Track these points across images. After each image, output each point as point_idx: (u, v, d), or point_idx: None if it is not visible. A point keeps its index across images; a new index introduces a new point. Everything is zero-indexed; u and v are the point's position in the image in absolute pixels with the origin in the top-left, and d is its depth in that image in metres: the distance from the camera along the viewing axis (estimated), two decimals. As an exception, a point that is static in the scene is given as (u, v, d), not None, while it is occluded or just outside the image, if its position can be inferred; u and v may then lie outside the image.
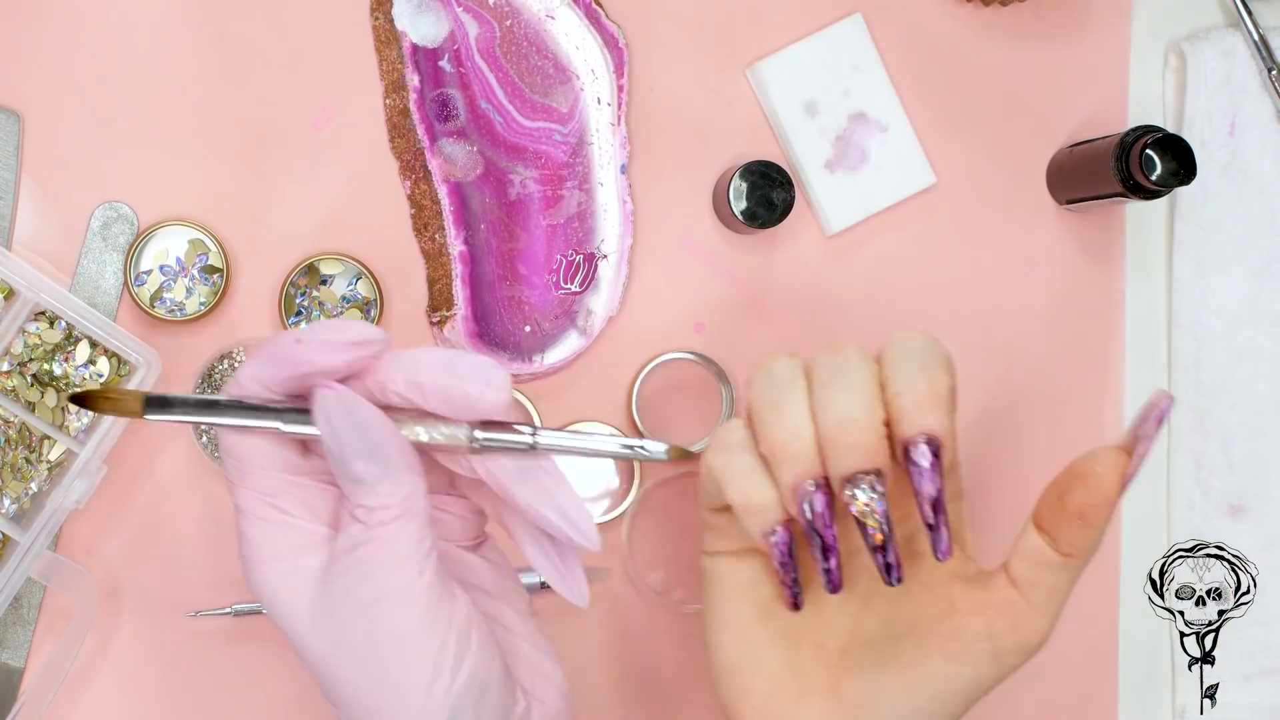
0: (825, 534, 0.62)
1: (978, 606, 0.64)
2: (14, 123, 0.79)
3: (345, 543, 0.58)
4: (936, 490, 0.61)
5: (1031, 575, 0.63)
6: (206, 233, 0.79)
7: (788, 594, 0.64)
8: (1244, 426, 0.84)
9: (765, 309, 0.83)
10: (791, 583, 0.64)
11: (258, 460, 0.59)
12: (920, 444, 0.61)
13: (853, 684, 0.64)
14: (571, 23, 0.80)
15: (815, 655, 0.66)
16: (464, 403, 0.58)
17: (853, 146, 0.82)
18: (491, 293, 0.80)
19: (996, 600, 0.63)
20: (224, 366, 0.80)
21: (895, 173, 0.82)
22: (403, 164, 0.80)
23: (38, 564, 0.76)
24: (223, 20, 0.80)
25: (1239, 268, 0.84)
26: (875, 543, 0.61)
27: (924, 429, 0.61)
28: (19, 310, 0.76)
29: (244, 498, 0.59)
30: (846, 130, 0.82)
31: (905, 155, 0.82)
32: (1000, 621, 0.63)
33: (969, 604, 0.64)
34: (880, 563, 0.62)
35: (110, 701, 0.80)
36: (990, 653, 0.63)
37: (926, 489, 0.61)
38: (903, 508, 0.65)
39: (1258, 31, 0.83)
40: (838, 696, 0.64)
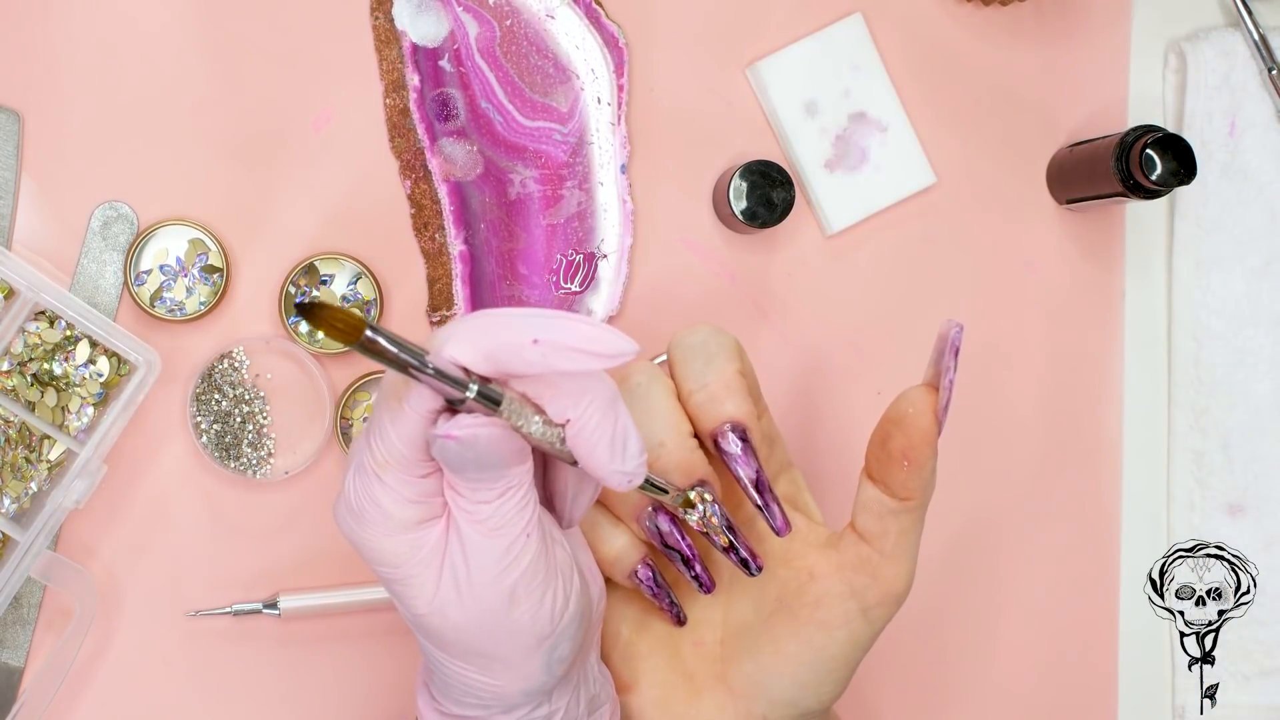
0: (681, 547, 0.64)
1: (834, 568, 0.65)
2: (14, 123, 0.79)
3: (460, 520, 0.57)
4: (755, 471, 0.63)
5: (877, 525, 0.64)
6: (206, 232, 0.79)
7: (669, 615, 0.66)
8: (1244, 426, 0.84)
9: (765, 309, 0.83)
10: (669, 605, 0.65)
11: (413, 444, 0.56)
12: (726, 433, 0.63)
13: (739, 671, 0.65)
14: (571, 22, 0.80)
15: (696, 653, 0.66)
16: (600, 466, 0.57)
17: (853, 146, 0.82)
18: (491, 292, 0.80)
19: (850, 558, 0.65)
20: (224, 366, 0.80)
21: (895, 172, 0.82)
22: (403, 164, 0.80)
23: (38, 564, 0.76)
24: (223, 20, 0.80)
25: (1239, 267, 0.84)
26: (723, 545, 0.63)
27: (725, 418, 0.63)
28: (19, 310, 0.76)
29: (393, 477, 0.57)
30: (846, 130, 0.82)
31: (905, 155, 0.82)
32: (859, 577, 0.64)
33: (826, 568, 0.65)
34: (735, 561, 0.63)
35: (110, 701, 0.80)
36: (858, 610, 0.64)
37: (744, 473, 0.63)
38: (737, 496, 0.66)
39: (1258, 31, 0.83)
40: (728, 686, 0.65)
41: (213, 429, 0.79)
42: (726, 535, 0.63)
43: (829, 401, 0.83)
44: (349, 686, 0.81)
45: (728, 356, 0.64)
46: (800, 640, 0.64)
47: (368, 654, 0.81)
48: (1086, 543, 0.84)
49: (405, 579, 0.57)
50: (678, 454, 0.62)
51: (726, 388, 0.63)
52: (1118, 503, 0.84)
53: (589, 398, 0.55)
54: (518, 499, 0.57)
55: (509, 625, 0.57)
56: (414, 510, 0.57)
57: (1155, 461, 0.85)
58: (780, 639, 0.65)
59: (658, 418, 0.63)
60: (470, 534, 0.56)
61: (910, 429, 0.63)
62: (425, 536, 0.57)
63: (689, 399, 0.63)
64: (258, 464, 0.80)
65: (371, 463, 0.57)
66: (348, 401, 0.80)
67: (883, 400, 0.83)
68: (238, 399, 0.80)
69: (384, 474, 0.56)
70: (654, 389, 0.63)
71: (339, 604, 0.80)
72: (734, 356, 0.64)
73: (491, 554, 0.56)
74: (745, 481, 0.63)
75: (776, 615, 0.65)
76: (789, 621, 0.65)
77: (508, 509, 0.56)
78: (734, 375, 0.64)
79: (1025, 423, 0.84)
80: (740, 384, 0.64)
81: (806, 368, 0.83)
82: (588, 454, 0.55)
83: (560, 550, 0.59)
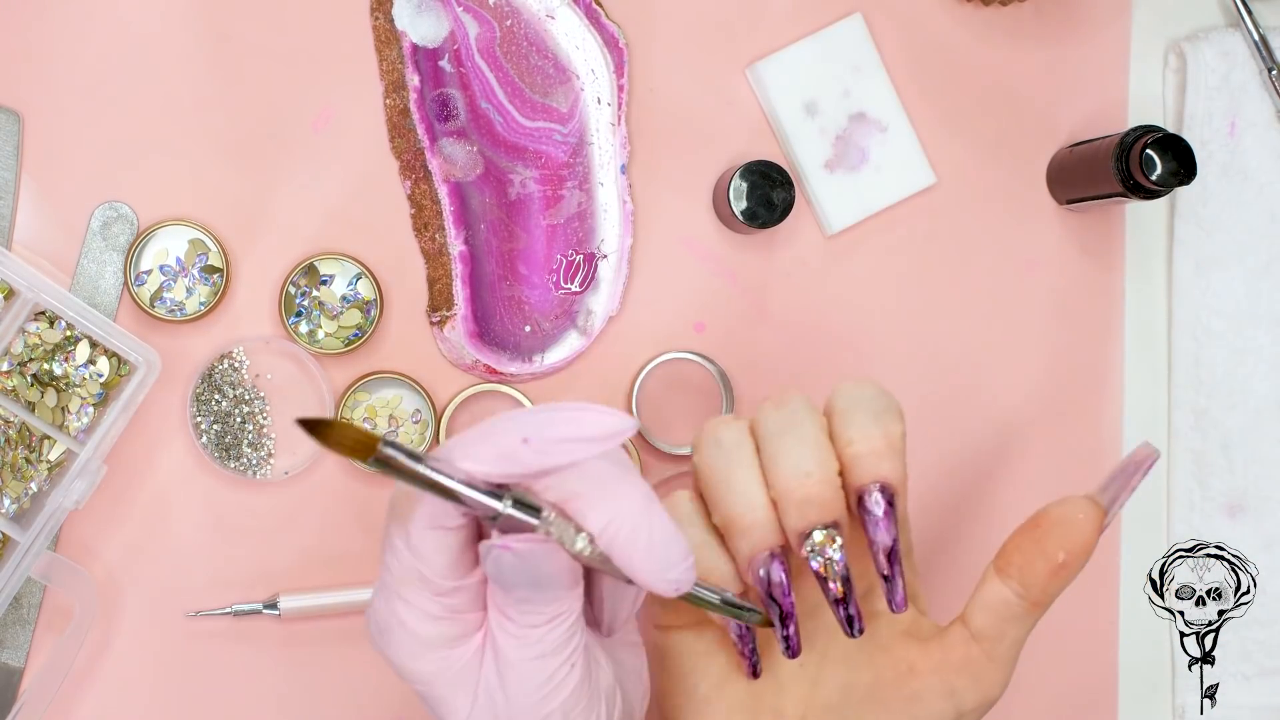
0: (784, 602, 0.61)
1: (937, 666, 0.63)
2: (14, 123, 0.79)
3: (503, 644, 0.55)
4: (892, 539, 0.60)
5: (996, 628, 0.62)
6: (206, 233, 0.79)
7: (746, 664, 0.63)
8: (1244, 426, 0.84)
9: (765, 309, 0.83)
10: (750, 653, 0.63)
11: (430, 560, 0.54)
12: (875, 492, 0.60)
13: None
14: (571, 23, 0.80)
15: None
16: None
17: (853, 146, 0.82)
18: (491, 293, 0.80)
19: (955, 658, 0.62)
20: (224, 366, 0.80)
21: (895, 173, 0.82)
22: (403, 164, 0.80)
23: (38, 564, 0.76)
24: (223, 20, 0.80)
25: (1239, 268, 0.84)
26: (836, 596, 0.60)
27: (878, 477, 0.60)
28: (19, 310, 0.76)
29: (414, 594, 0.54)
30: (846, 130, 0.82)
31: (905, 155, 0.82)
32: (961, 679, 0.62)
33: (928, 664, 0.63)
34: (841, 615, 0.60)
35: (110, 701, 0.80)
36: (953, 711, 0.62)
37: (882, 538, 0.60)
38: (859, 564, 0.64)
39: (1258, 31, 0.83)
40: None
41: (213, 429, 0.79)
42: (843, 586, 0.60)
43: (829, 401, 0.83)
44: (349, 686, 0.81)
45: (895, 416, 0.61)
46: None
47: (368, 654, 0.81)
48: (1086, 543, 0.84)
49: (438, 698, 0.55)
50: (823, 488, 0.60)
51: (890, 446, 0.60)
52: (1118, 503, 0.85)
53: (615, 504, 0.52)
54: (567, 625, 0.54)
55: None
56: (441, 628, 0.54)
57: (1155, 461, 0.85)
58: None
59: (809, 446, 0.60)
60: (512, 658, 0.54)
61: (1074, 535, 0.61)
62: (456, 656, 0.55)
63: (846, 448, 0.61)
64: (258, 464, 0.80)
65: (390, 578, 0.54)
66: (348, 401, 0.80)
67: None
68: (238, 399, 0.80)
69: (404, 591, 0.54)
70: (809, 419, 0.61)
71: (339, 604, 0.80)
72: (900, 419, 0.62)
73: (534, 680, 0.54)
74: (879, 546, 0.60)
75: (867, 704, 0.63)
76: (880, 713, 0.63)
77: (556, 635, 0.54)
78: (899, 437, 0.61)
79: (1025, 423, 0.84)
80: (901, 449, 0.61)
81: (806, 368, 0.83)
82: (626, 562, 0.53)
83: (604, 673, 0.56)
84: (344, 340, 0.80)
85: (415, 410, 0.81)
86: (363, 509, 0.81)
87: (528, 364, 0.80)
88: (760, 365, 0.83)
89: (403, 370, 0.81)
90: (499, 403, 0.81)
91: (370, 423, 0.80)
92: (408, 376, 0.81)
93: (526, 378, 0.81)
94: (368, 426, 0.80)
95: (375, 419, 0.80)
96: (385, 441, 0.49)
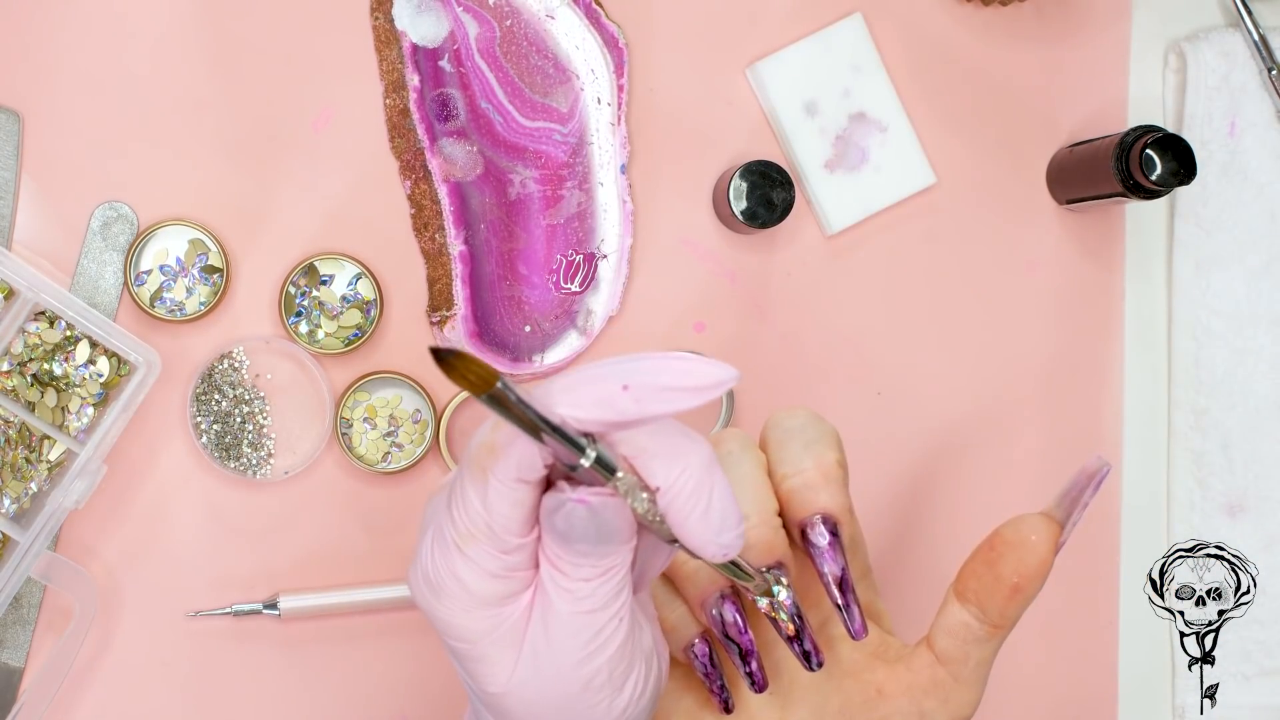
0: (742, 640, 0.60)
1: (905, 688, 0.62)
2: (14, 123, 0.79)
3: (555, 598, 0.54)
4: (840, 569, 0.60)
5: (960, 650, 0.62)
6: (206, 233, 0.79)
7: (717, 700, 0.62)
8: (1244, 426, 0.84)
9: (765, 309, 0.83)
10: (719, 689, 0.62)
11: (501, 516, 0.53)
12: (817, 524, 0.60)
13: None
14: (571, 23, 0.80)
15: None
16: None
17: (853, 146, 0.82)
18: (491, 293, 0.80)
19: (923, 680, 0.62)
20: (224, 366, 0.80)
21: (895, 173, 0.82)
22: (403, 164, 0.80)
23: (38, 564, 0.76)
24: (223, 20, 0.80)
25: (1239, 268, 0.84)
26: (789, 634, 0.60)
27: (817, 509, 0.60)
28: (19, 310, 0.76)
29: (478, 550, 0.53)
30: (846, 130, 0.82)
31: (905, 155, 0.82)
32: (929, 701, 0.62)
33: (896, 687, 0.62)
34: (798, 652, 0.60)
35: (110, 701, 0.80)
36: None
37: (829, 569, 0.60)
38: (814, 593, 0.63)
39: (1258, 31, 0.83)
40: None
41: (213, 429, 0.79)
42: (795, 623, 0.59)
43: (829, 402, 0.83)
44: (349, 686, 0.81)
45: (829, 444, 0.61)
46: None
47: (368, 654, 0.81)
48: (1086, 543, 0.84)
49: (481, 656, 0.55)
50: (761, 530, 0.59)
51: (825, 477, 0.60)
52: (1118, 503, 0.84)
53: (683, 462, 0.51)
54: (618, 579, 0.54)
55: (584, 710, 0.55)
56: (498, 585, 0.54)
57: (1155, 461, 0.85)
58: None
59: (746, 490, 0.60)
60: (562, 612, 0.53)
61: (1028, 557, 0.60)
62: (507, 613, 0.54)
63: (782, 483, 0.60)
64: (258, 464, 0.80)
65: (453, 534, 0.53)
66: (348, 401, 0.80)
67: (882, 401, 0.83)
68: (238, 399, 0.80)
69: (466, 546, 0.53)
70: (745, 459, 0.61)
71: (339, 604, 0.80)
72: (835, 445, 0.61)
73: (582, 635, 0.54)
74: (829, 577, 0.60)
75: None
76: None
77: (608, 589, 0.53)
78: (834, 465, 0.60)
79: (1025, 423, 0.84)
80: (839, 475, 0.61)
81: (806, 368, 0.83)
82: (681, 522, 0.52)
83: (645, 634, 0.56)
84: (344, 340, 0.80)
85: (415, 410, 0.81)
86: (363, 509, 0.81)
87: (528, 364, 0.80)
88: (760, 365, 0.83)
89: (403, 370, 0.81)
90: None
91: (370, 422, 0.80)
92: (408, 376, 0.81)
93: (526, 378, 0.81)
94: (368, 427, 0.80)
95: (375, 419, 0.80)
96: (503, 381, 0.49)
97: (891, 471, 0.83)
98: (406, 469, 0.80)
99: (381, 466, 0.80)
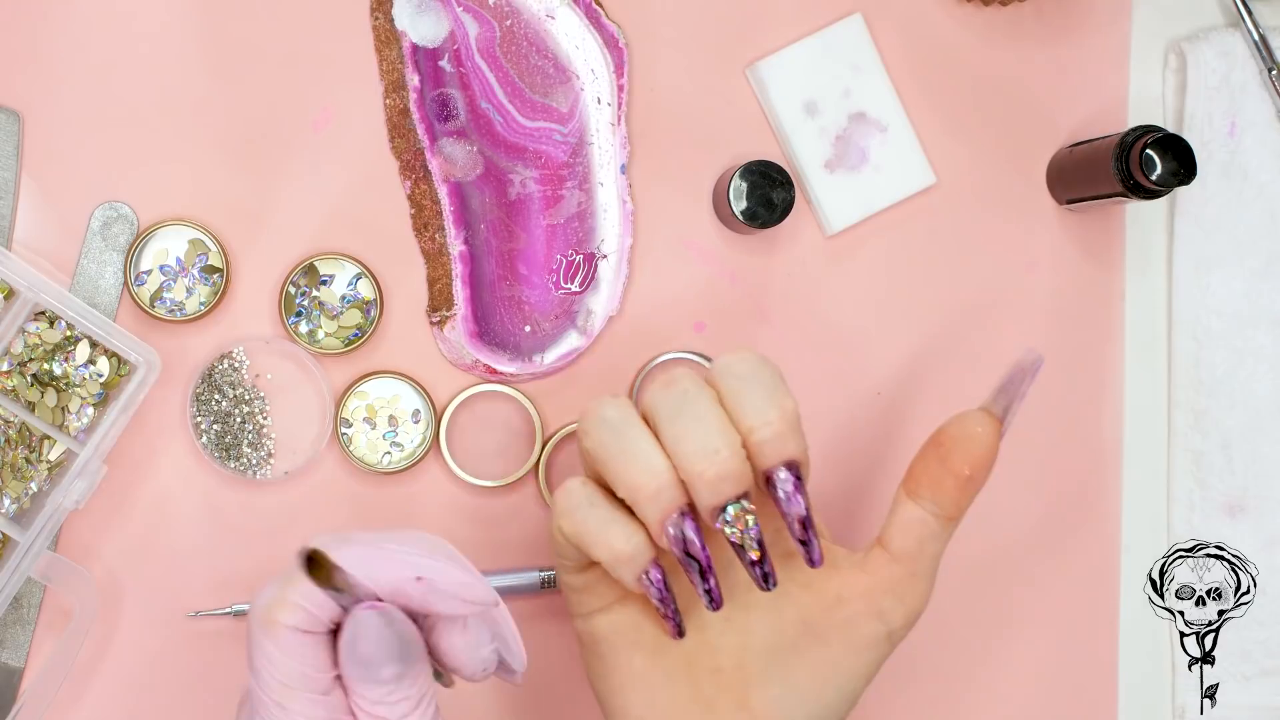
0: (701, 557, 0.62)
1: (863, 591, 0.65)
2: (14, 123, 0.79)
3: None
4: (804, 509, 0.62)
5: (916, 547, 0.65)
6: (206, 233, 0.79)
7: (670, 625, 0.64)
8: (1244, 426, 0.84)
9: (765, 309, 0.83)
10: (673, 613, 0.64)
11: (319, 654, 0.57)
12: (782, 471, 0.62)
13: (764, 695, 0.65)
14: (571, 22, 0.80)
15: (714, 679, 0.66)
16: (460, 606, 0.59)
17: (853, 146, 0.82)
18: (491, 293, 0.80)
19: (880, 580, 0.65)
20: (224, 366, 0.80)
21: (895, 173, 0.82)
22: (403, 164, 0.81)
23: (38, 564, 0.76)
24: (223, 20, 0.80)
25: (1239, 268, 0.84)
26: (753, 559, 0.62)
27: (784, 458, 0.62)
28: (19, 310, 0.76)
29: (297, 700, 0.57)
30: (846, 130, 0.82)
31: (905, 155, 0.82)
32: (887, 599, 0.65)
33: (854, 590, 0.65)
34: (758, 574, 0.62)
35: (110, 701, 0.80)
36: (884, 632, 0.65)
37: (795, 510, 0.62)
38: (764, 510, 0.65)
39: (1258, 31, 0.83)
40: (750, 712, 0.65)
41: (213, 429, 0.79)
42: (759, 549, 0.62)
43: (828, 402, 0.83)
44: (349, 686, 0.81)
45: (784, 388, 0.63)
46: (829, 664, 0.64)
47: (368, 654, 0.81)
48: (1086, 543, 0.84)
49: None
50: (732, 463, 0.61)
51: (790, 426, 0.62)
52: (1118, 503, 0.84)
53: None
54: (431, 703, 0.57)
55: None
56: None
57: (1155, 461, 0.85)
58: (810, 663, 0.64)
59: (712, 424, 0.61)
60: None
61: (975, 448, 0.64)
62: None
63: (750, 434, 0.62)
64: (258, 464, 0.80)
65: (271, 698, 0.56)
66: (347, 401, 0.80)
67: (882, 401, 0.83)
68: (238, 399, 0.80)
69: (288, 702, 0.56)
70: (701, 397, 0.62)
71: (339, 604, 0.80)
72: (787, 388, 0.63)
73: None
74: (793, 518, 0.62)
75: (802, 639, 0.65)
76: (818, 645, 0.65)
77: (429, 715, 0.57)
78: (793, 411, 0.62)
79: (1025, 423, 0.84)
80: (799, 420, 0.62)
81: (806, 368, 0.83)
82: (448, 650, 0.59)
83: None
84: (344, 340, 0.80)
85: (415, 410, 0.81)
86: (363, 509, 0.81)
87: (528, 364, 0.80)
88: (760, 365, 0.83)
89: (403, 370, 0.81)
90: (499, 403, 0.81)
91: (370, 422, 0.80)
92: (408, 376, 0.81)
93: (526, 378, 0.81)
94: (367, 427, 0.80)
95: (375, 419, 0.80)
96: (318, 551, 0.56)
97: (891, 471, 0.83)
98: (406, 469, 0.80)
99: (381, 466, 0.80)
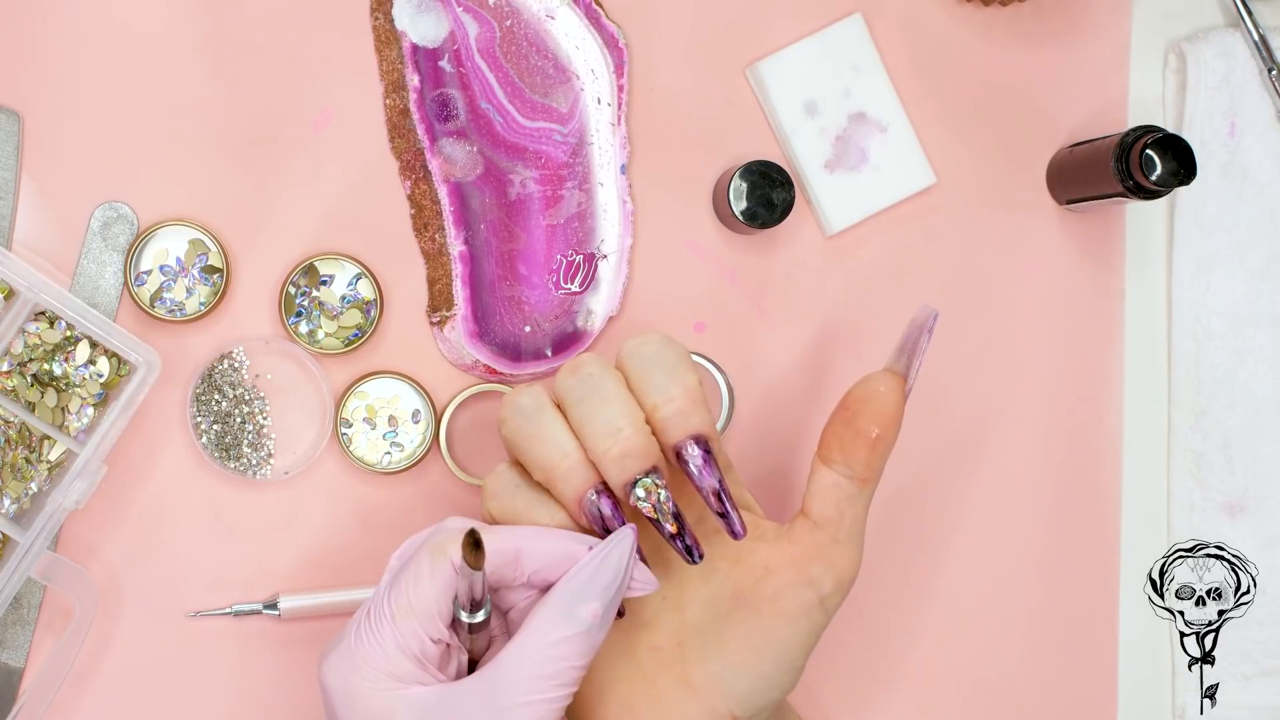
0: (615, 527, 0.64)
1: (791, 560, 0.66)
2: (14, 123, 0.79)
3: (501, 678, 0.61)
4: (717, 481, 0.64)
5: (834, 511, 0.66)
6: (206, 233, 0.79)
7: None
8: (1244, 426, 0.84)
9: (765, 309, 0.83)
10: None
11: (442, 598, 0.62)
12: (689, 445, 0.64)
13: (702, 670, 0.66)
14: (571, 23, 0.80)
15: (654, 657, 0.67)
16: None
17: (853, 146, 0.82)
18: (491, 293, 0.80)
19: (806, 548, 0.66)
20: (224, 366, 0.80)
21: (895, 173, 0.82)
22: (403, 164, 0.81)
23: (38, 564, 0.76)
24: (223, 20, 0.80)
25: (1239, 268, 0.84)
26: (671, 532, 0.64)
27: (689, 432, 0.64)
28: (19, 310, 0.76)
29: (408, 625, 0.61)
30: (846, 130, 0.82)
31: (905, 155, 0.82)
32: (815, 566, 0.66)
33: (782, 560, 0.66)
34: (680, 548, 0.64)
35: (110, 701, 0.80)
36: (816, 599, 0.66)
37: (707, 483, 0.64)
38: (686, 491, 0.67)
39: (1258, 31, 0.83)
40: (691, 688, 0.66)
41: (213, 429, 0.79)
42: (675, 522, 0.64)
43: (828, 402, 0.83)
44: (349, 686, 0.81)
45: (687, 366, 0.65)
46: (763, 634, 0.65)
47: (368, 654, 0.81)
48: (1086, 543, 0.84)
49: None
50: (637, 439, 0.63)
51: (692, 401, 0.64)
52: (1118, 503, 0.84)
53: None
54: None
55: None
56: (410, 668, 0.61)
57: (1155, 461, 0.85)
58: (744, 635, 0.66)
59: (615, 406, 0.64)
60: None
61: (881, 407, 0.65)
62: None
63: (654, 412, 0.64)
64: (258, 464, 0.80)
65: (391, 608, 0.61)
66: (347, 401, 0.80)
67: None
68: (238, 399, 0.80)
69: (400, 620, 0.61)
70: (607, 378, 0.65)
71: (339, 604, 0.80)
72: (691, 366, 0.65)
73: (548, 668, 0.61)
74: (707, 491, 0.64)
75: (737, 612, 0.66)
76: (751, 617, 0.66)
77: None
78: (695, 387, 0.65)
79: (1025, 423, 0.84)
80: (701, 395, 0.65)
81: (806, 368, 0.83)
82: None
83: None
84: (344, 340, 0.80)
85: (415, 410, 0.81)
86: (363, 509, 0.81)
87: (530, 363, 0.80)
88: (760, 365, 0.83)
89: (403, 370, 0.81)
90: (499, 403, 0.81)
91: (370, 422, 0.80)
92: (408, 376, 0.81)
93: (526, 378, 0.81)
94: (367, 427, 0.80)
95: (375, 419, 0.80)
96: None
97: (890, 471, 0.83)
98: (406, 469, 0.80)
99: (381, 467, 0.80)
